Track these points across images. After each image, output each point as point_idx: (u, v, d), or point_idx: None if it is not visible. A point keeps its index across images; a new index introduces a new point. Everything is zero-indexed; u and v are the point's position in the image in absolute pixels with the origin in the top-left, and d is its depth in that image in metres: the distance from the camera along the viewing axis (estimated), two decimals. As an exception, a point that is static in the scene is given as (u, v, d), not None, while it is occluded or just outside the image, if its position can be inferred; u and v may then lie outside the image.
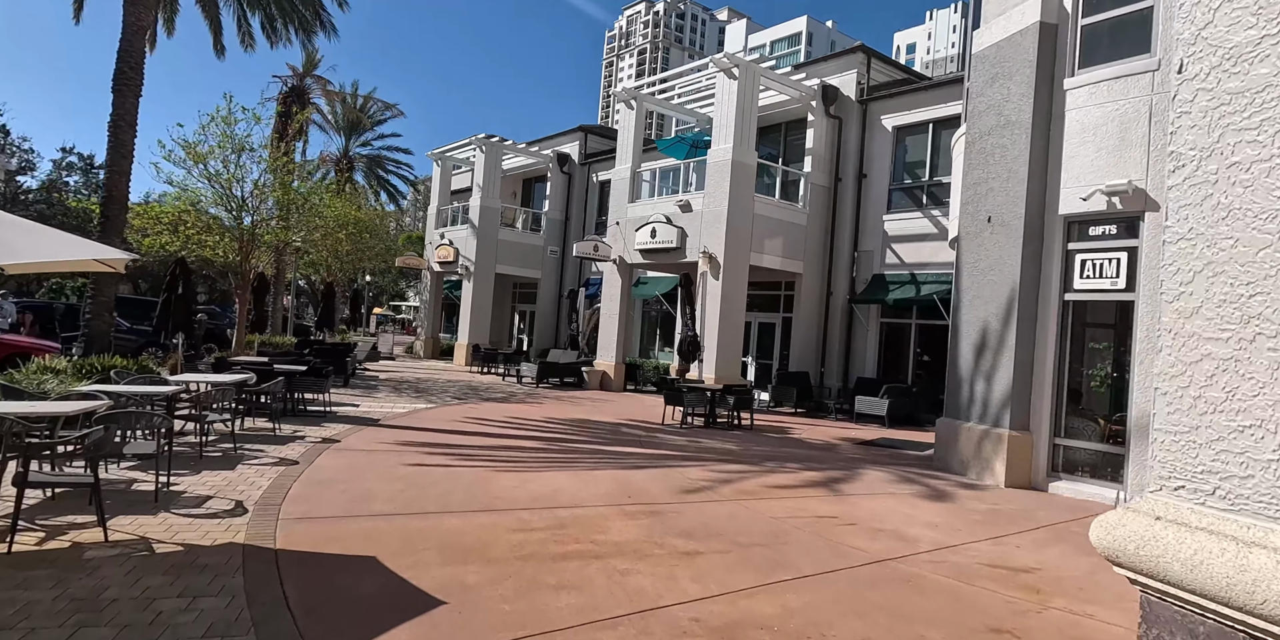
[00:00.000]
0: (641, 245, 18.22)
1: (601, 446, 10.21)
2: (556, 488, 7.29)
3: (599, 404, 15.74)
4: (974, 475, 8.99)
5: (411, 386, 17.10)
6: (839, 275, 18.14)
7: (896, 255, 17.27)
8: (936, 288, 15.93)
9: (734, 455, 10.00)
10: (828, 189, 18.44)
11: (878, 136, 17.86)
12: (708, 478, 8.23)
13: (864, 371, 17.53)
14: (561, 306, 26.94)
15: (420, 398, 15.00)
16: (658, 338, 23.78)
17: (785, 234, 17.70)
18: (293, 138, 18.96)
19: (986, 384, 9.05)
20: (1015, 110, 9.02)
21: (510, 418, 12.59)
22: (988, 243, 9.24)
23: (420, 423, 11.39)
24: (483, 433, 10.74)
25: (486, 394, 16.53)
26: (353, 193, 34.14)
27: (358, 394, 14.88)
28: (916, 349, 16.95)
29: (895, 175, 17.63)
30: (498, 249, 25.99)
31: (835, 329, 18.05)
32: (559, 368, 19.59)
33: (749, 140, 16.84)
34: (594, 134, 28.00)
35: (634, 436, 11.32)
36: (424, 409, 13.25)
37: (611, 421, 12.97)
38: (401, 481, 7.17)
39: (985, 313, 9.18)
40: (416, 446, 9.26)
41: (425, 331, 29.06)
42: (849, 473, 9.03)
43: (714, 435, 11.99)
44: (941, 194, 16.65)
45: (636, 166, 19.42)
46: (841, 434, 13.19)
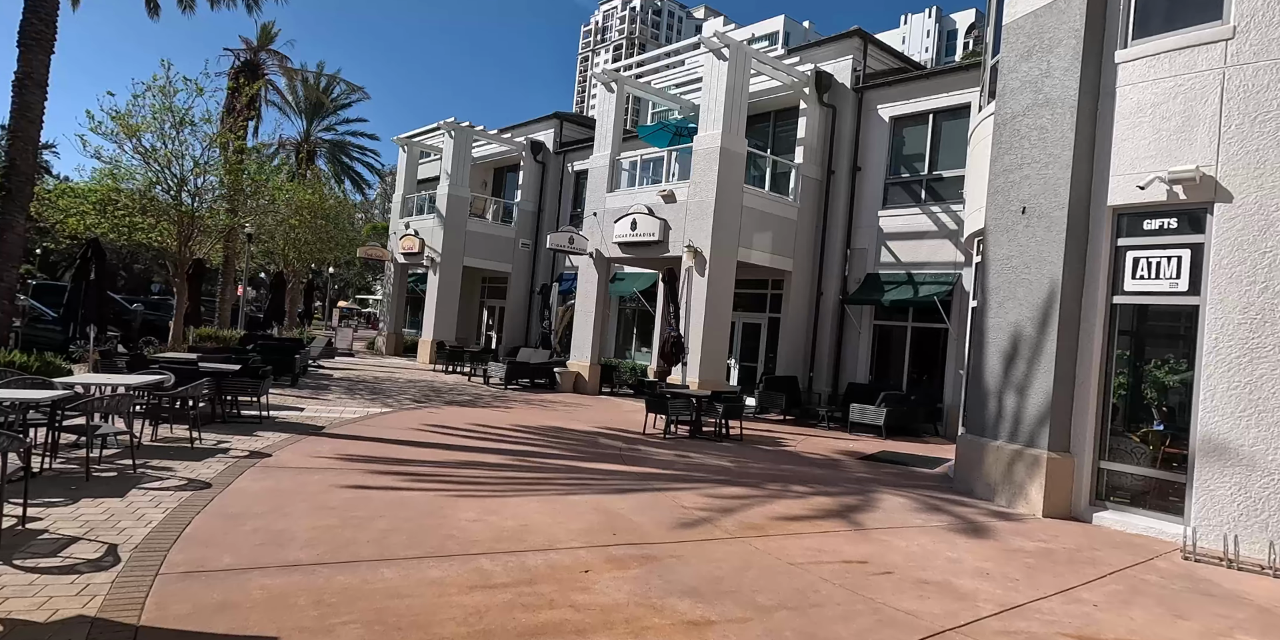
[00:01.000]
0: (620, 238, 16.96)
1: (578, 462, 8.93)
2: (526, 521, 6.01)
3: (573, 409, 14.45)
4: (1004, 502, 7.89)
5: (367, 387, 15.65)
6: (830, 274, 17.06)
7: (892, 253, 16.23)
8: (936, 288, 14.91)
9: (730, 474, 8.80)
10: (820, 182, 17.34)
11: (873, 127, 16.80)
12: (705, 505, 7.00)
13: (855, 376, 16.48)
14: (533, 302, 25.58)
15: (375, 400, 13.58)
16: (635, 337, 22.53)
17: (775, 229, 16.56)
18: (242, 112, 17.34)
19: (1019, 397, 7.96)
20: (1057, 87, 7.92)
21: (474, 426, 11.25)
22: (1021, 237, 8.14)
23: (371, 431, 10.01)
24: (441, 444, 9.41)
25: (450, 396, 15.15)
26: (314, 180, 32.39)
27: (305, 395, 13.42)
28: (912, 354, 15.92)
29: (892, 168, 16.59)
30: (466, 240, 24.54)
31: (826, 331, 16.96)
32: (529, 368, 18.25)
33: (739, 126, 15.66)
34: (570, 121, 26.65)
35: (614, 449, 10.07)
36: (378, 414, 11.86)
37: (588, 430, 11.70)
38: (334, 513, 5.83)
39: (1018, 316, 8.09)
40: (362, 462, 7.91)
41: (387, 326, 27.48)
42: (864, 498, 7.87)
43: (703, 448, 10.79)
44: (942, 189, 15.65)
45: (616, 154, 18.14)
46: (839, 446, 12.07)
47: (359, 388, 15.40)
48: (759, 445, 11.55)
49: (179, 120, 15.36)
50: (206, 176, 16.19)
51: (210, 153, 15.96)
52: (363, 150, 36.15)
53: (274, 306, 16.81)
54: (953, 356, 14.88)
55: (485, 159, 28.00)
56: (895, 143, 16.62)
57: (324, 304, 65.82)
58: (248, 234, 23.33)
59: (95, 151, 14.89)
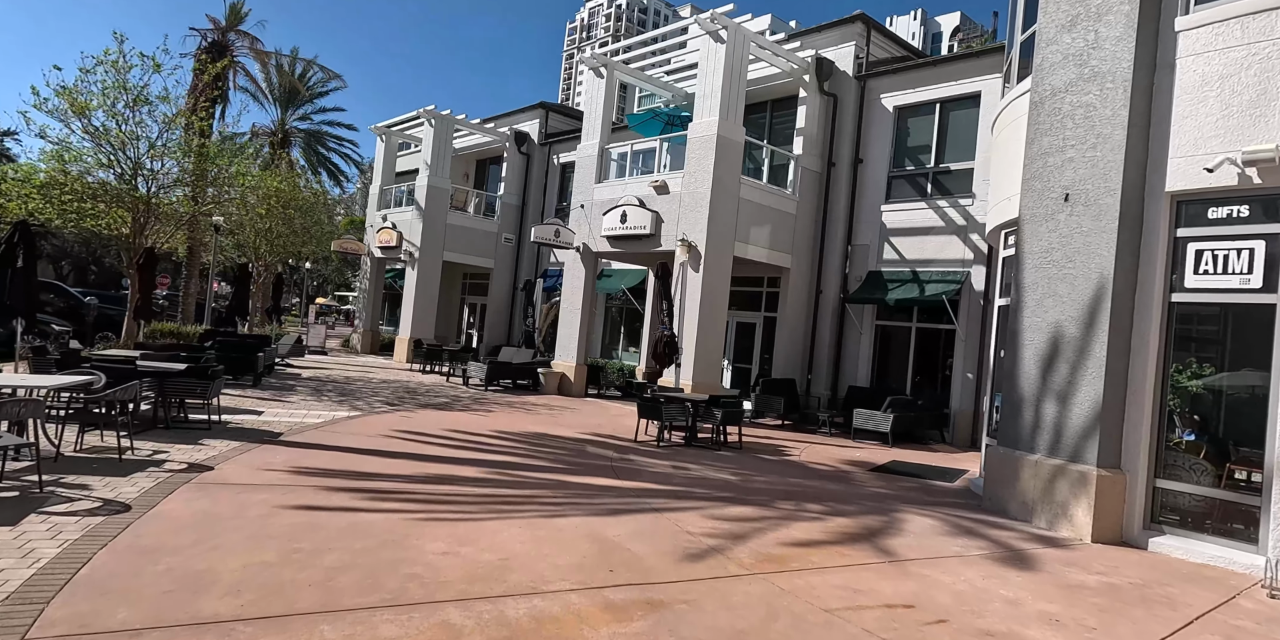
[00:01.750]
0: (609, 231, 16.01)
1: (565, 476, 7.97)
2: (506, 552, 5.06)
3: (558, 413, 13.48)
4: (1043, 523, 7.03)
5: (337, 388, 14.59)
6: (830, 271, 16.21)
7: (896, 250, 15.40)
8: (944, 287, 14.10)
9: (734, 489, 7.88)
10: (819, 175, 16.49)
11: (876, 117, 15.98)
12: (712, 529, 6.08)
13: (856, 379, 15.64)
14: (516, 299, 24.57)
15: (344, 403, 12.54)
16: (623, 336, 21.58)
17: (773, 223, 15.68)
18: (204, 91, 16.20)
19: (1060, 407, 7.11)
20: (1107, 58, 7.08)
21: (449, 432, 10.26)
22: (1064, 227, 7.29)
23: (333, 439, 8.99)
24: (412, 455, 8.41)
25: (425, 399, 14.13)
26: (289, 171, 31.15)
27: (267, 397, 12.35)
28: (917, 356, 15.10)
29: (896, 160, 15.76)
30: (446, 234, 23.47)
31: (825, 331, 16.11)
32: (511, 368, 17.25)
33: (736, 113, 14.76)
34: (556, 112, 25.65)
35: (604, 460, 9.12)
36: (344, 418, 10.84)
37: (575, 437, 10.75)
38: (274, 545, 4.85)
39: (1059, 315, 7.24)
40: (318, 477, 6.91)
41: (363, 323, 26.33)
42: (887, 519, 6.98)
43: (701, 457, 9.87)
44: (949, 182, 14.85)
45: (605, 142, 17.18)
46: (845, 455, 11.20)
47: (327, 389, 14.33)
48: (760, 454, 10.66)
49: (134, 99, 14.21)
50: (165, 160, 15.03)
51: (169, 135, 14.80)
52: (340, 141, 34.91)
53: (237, 301, 15.70)
54: (960, 359, 14.09)
55: (467, 150, 26.96)
56: (899, 134, 15.80)
57: (302, 300, 64.33)
58: (215, 225, 22.18)
59: (41, 130, 13.71)
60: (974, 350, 13.86)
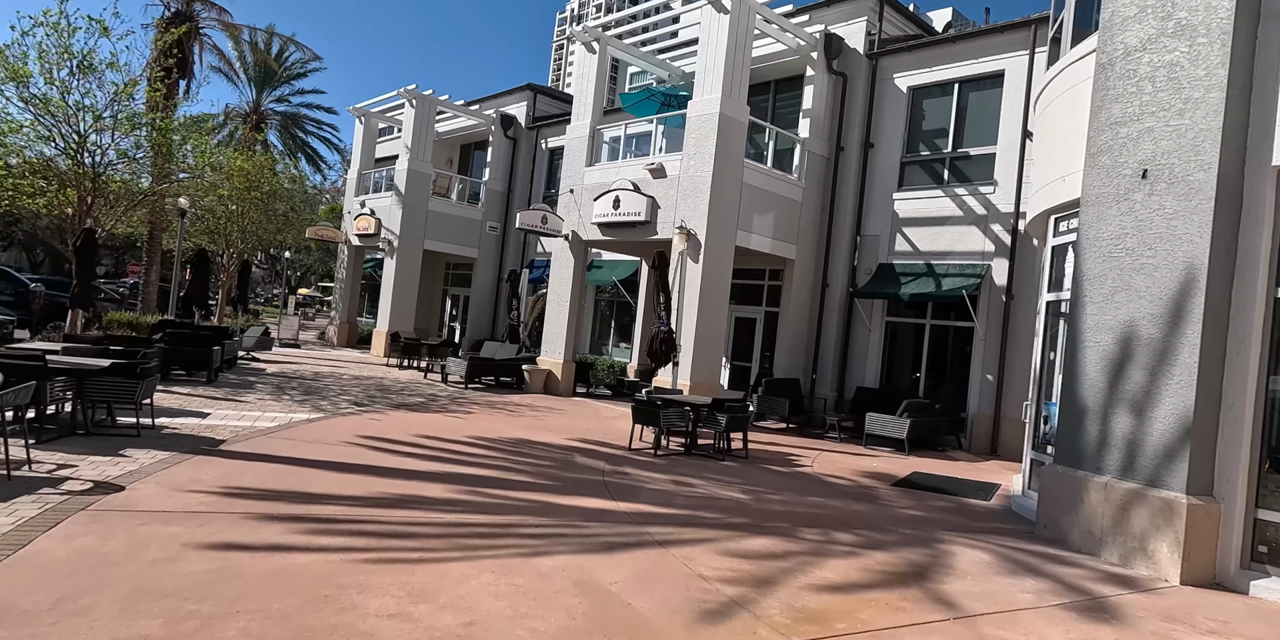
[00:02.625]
0: (601, 218, 14.83)
1: (549, 496, 6.82)
2: (472, 614, 3.90)
3: (544, 415, 12.32)
4: (1115, 558, 5.96)
5: (302, 386, 13.35)
6: (837, 263, 15.11)
7: (909, 241, 14.32)
8: (963, 281, 13.03)
9: (748, 512, 6.76)
10: (827, 160, 15.37)
11: (889, 98, 14.87)
12: (730, 571, 4.95)
13: (864, 380, 14.57)
14: (501, 291, 23.34)
15: (305, 403, 11.32)
16: (613, 332, 20.43)
17: (777, 210, 14.56)
18: (159, 60, 14.85)
19: (1136, 420, 6.03)
20: (1199, 9, 5.98)
21: (420, 438, 9.08)
22: (1141, 209, 6.20)
23: (283, 447, 7.79)
24: (372, 468, 7.23)
25: (398, 398, 12.92)
26: (263, 154, 29.70)
27: (220, 396, 11.12)
28: (931, 356, 14.05)
29: (909, 145, 14.67)
30: (427, 221, 22.19)
31: (831, 328, 15.02)
32: (494, 365, 16.06)
33: (740, 90, 13.60)
34: (544, 94, 24.38)
35: (595, 473, 7.98)
36: (302, 422, 9.63)
37: (562, 444, 9.60)
38: (163, 607, 3.67)
39: (1134, 312, 6.15)
40: (251, 499, 5.73)
41: (339, 315, 25.02)
42: (932, 552, 5.89)
43: (704, 469, 8.75)
44: (968, 168, 13.77)
45: (597, 123, 15.98)
46: (860, 465, 10.12)
47: (291, 386, 13.08)
48: (769, 465, 9.54)
49: (78, 65, 12.86)
50: (114, 134, 13.68)
51: (118, 106, 13.45)
52: (320, 124, 33.40)
53: (196, 289, 14.38)
54: (980, 359, 13.04)
55: (451, 134, 25.65)
56: (914, 116, 14.70)
57: (282, 291, 62.64)
58: (181, 209, 20.81)
59: (-31, 98, 12.34)
60: (995, 350, 12.82)
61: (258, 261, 72.42)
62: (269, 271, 65.04)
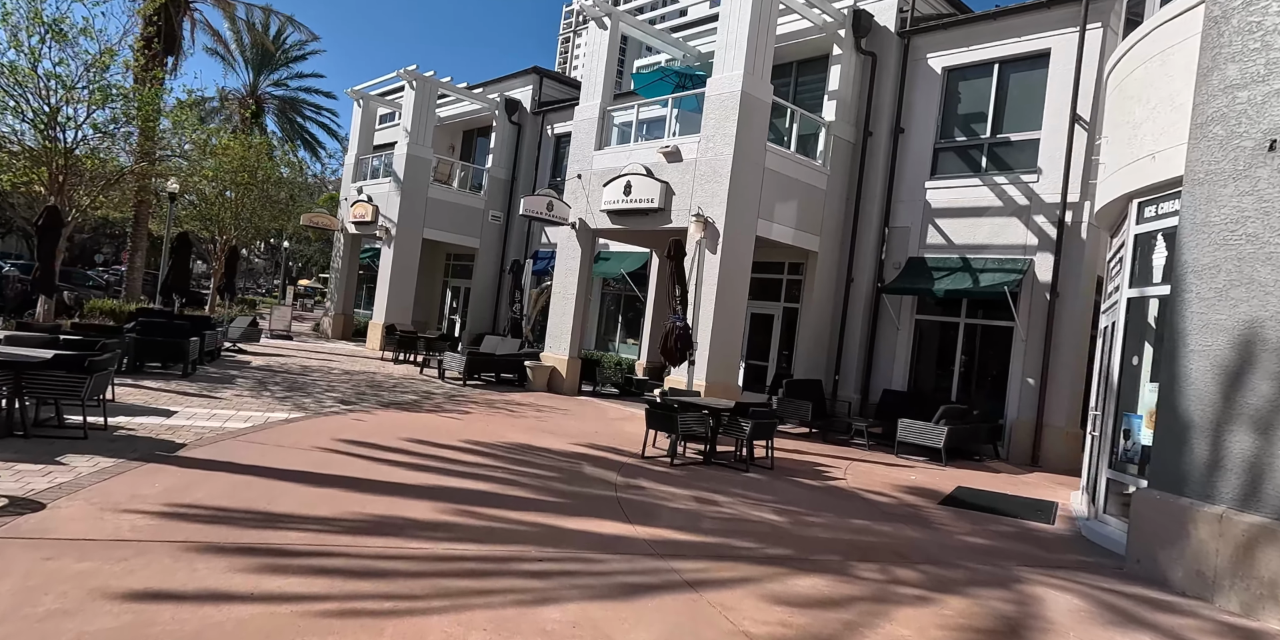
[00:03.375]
0: (611, 205, 13.82)
1: (555, 517, 5.84)
2: (454, 699, 2.93)
3: (547, 416, 11.34)
4: (1235, 605, 4.97)
5: (287, 381, 12.37)
6: (863, 256, 14.09)
7: (942, 233, 13.31)
8: (1004, 277, 12.02)
9: (788, 540, 5.78)
10: (854, 145, 14.34)
11: (921, 80, 13.84)
12: (781, 627, 3.96)
13: (891, 382, 13.57)
14: (503, 283, 22.35)
15: (287, 400, 10.35)
16: (620, 326, 19.43)
17: (800, 199, 13.54)
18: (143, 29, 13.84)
19: (1260, 440, 5.03)
20: (1347, -54, 4.96)
21: (409, 443, 8.10)
22: (1266, 187, 5.19)
23: (250, 454, 6.82)
24: (350, 481, 6.25)
25: (390, 395, 11.94)
26: (261, 138, 28.70)
27: (194, 391, 10.15)
28: (965, 357, 13.03)
29: (944, 130, 13.64)
30: (427, 209, 21.19)
31: (856, 326, 14.01)
32: (495, 361, 15.08)
33: (764, 67, 12.58)
34: (550, 79, 23.34)
35: (607, 486, 7.00)
36: (279, 422, 8.65)
37: (568, 450, 8.62)
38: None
39: (1257, 311, 5.15)
40: (197, 524, 4.76)
41: (335, 306, 24.04)
42: (1013, 597, 4.90)
43: (727, 482, 7.76)
44: (1008, 155, 12.75)
45: (607, 103, 14.96)
46: (897, 478, 9.13)
47: (274, 381, 12.11)
48: (797, 477, 8.56)
49: (49, 31, 11.87)
50: (89, 107, 12.69)
51: (91, 76, 12.46)
52: (318, 109, 32.37)
53: (177, 275, 13.43)
54: (1020, 361, 12.03)
55: (452, 119, 24.64)
56: (948, 99, 13.66)
57: (282, 281, 61.69)
58: (171, 193, 19.86)
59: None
60: (1037, 352, 11.81)
61: (259, 251, 71.57)
62: (270, 262, 64.13)
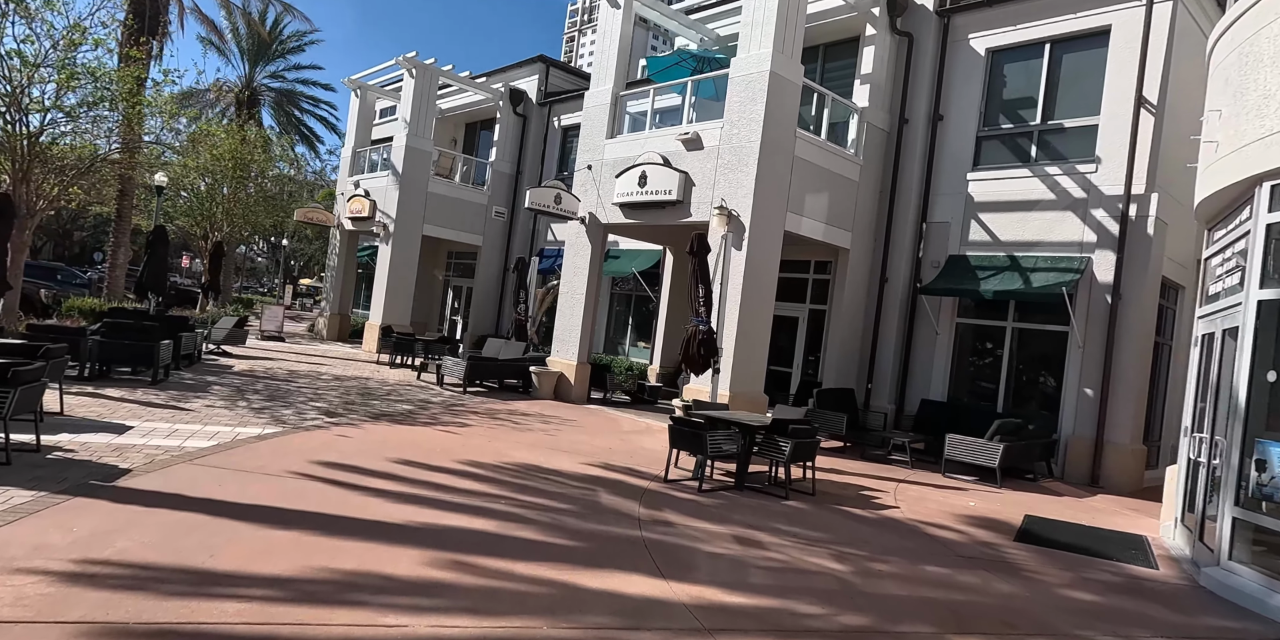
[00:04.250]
0: (624, 197, 12.71)
1: (569, 572, 4.71)
2: None
3: (555, 429, 10.22)
4: None
5: (269, 388, 11.28)
6: (898, 254, 12.95)
7: (987, 229, 12.17)
8: (1059, 277, 10.88)
9: (861, 603, 4.64)
10: (888, 134, 13.21)
11: (963, 63, 12.70)
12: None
13: (929, 391, 12.43)
14: (507, 282, 21.25)
15: (265, 412, 9.25)
16: (630, 329, 18.32)
17: (832, 191, 12.41)
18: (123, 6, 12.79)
19: None
20: None
21: (397, 466, 6.99)
22: None
23: (204, 483, 5.71)
24: (318, 519, 5.14)
25: (383, 404, 10.84)
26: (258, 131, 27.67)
27: (161, 401, 9.05)
28: (1012, 364, 11.89)
29: (987, 117, 12.50)
30: (427, 204, 20.10)
31: (890, 330, 12.87)
32: (497, 366, 13.96)
33: (794, 46, 11.48)
34: (557, 68, 22.26)
35: (628, 523, 5.88)
36: (250, 439, 7.55)
37: (580, 473, 7.51)
38: None
39: None
40: (105, 591, 3.64)
41: (330, 306, 22.95)
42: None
43: (768, 514, 6.64)
44: (1062, 143, 11.60)
45: (620, 88, 13.86)
46: (954, 505, 8.00)
47: (255, 389, 11.02)
48: (845, 506, 7.43)
49: (12, 4, 10.80)
50: (57, 89, 11.62)
51: (61, 56, 11.38)
52: (316, 102, 31.38)
53: (151, 272, 12.32)
54: (1076, 370, 10.89)
55: (454, 111, 23.57)
56: (993, 83, 12.52)
57: (281, 280, 60.67)
58: (158, 186, 18.83)
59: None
60: (1097, 359, 10.67)
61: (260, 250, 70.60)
62: (272, 261, 63.16)
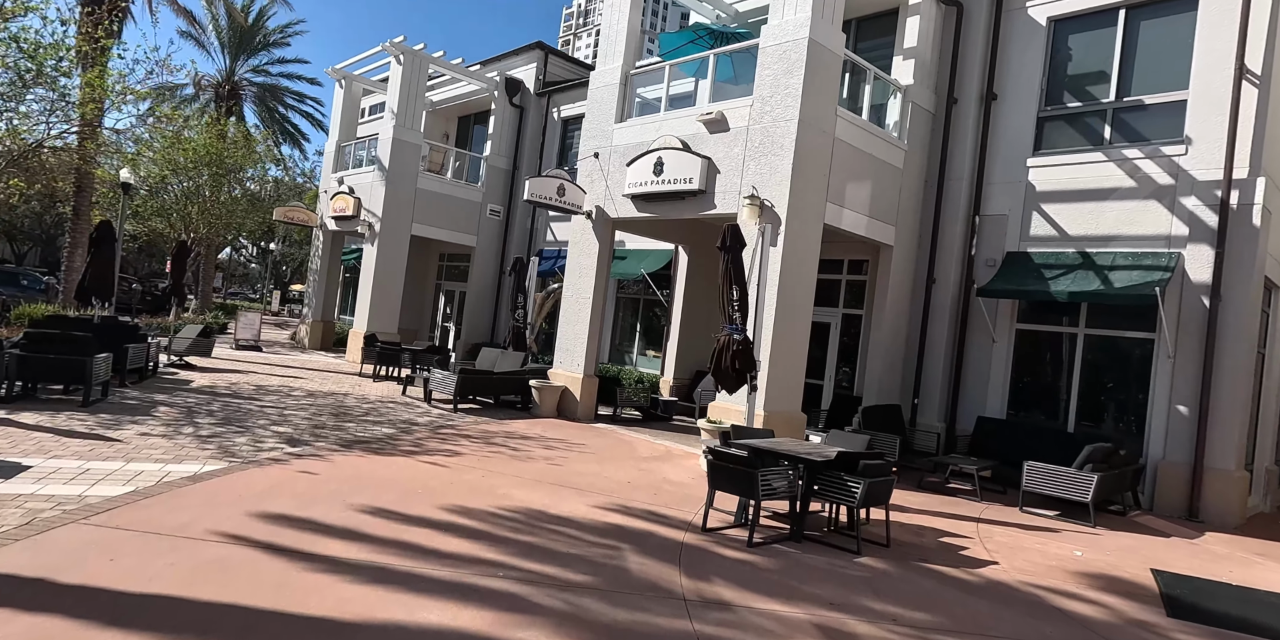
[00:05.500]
0: (637, 188, 11.17)
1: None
2: None
3: (561, 456, 8.64)
4: None
5: (225, 409, 9.68)
6: (947, 251, 11.44)
7: (1051, 222, 10.66)
8: (1146, 276, 9.35)
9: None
10: (934, 116, 11.72)
11: (1020, 34, 11.22)
12: None
13: (985, 408, 10.90)
14: (503, 286, 19.70)
15: (214, 440, 7.66)
16: (637, 336, 16.75)
17: (875, 179, 10.90)
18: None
19: None
20: None
21: (365, 516, 5.40)
22: None
23: (87, 560, 4.13)
24: (231, 621, 3.56)
25: (359, 427, 9.25)
26: (237, 126, 26.09)
27: (87, 428, 7.45)
28: (1084, 377, 10.35)
29: (1049, 95, 11.01)
30: (416, 202, 18.55)
31: (939, 337, 11.34)
32: (493, 381, 12.36)
33: (835, 11, 9.96)
34: (556, 56, 20.74)
35: (668, 600, 4.30)
36: (183, 481, 5.96)
37: (597, 522, 5.93)
38: None
39: None
40: None
41: (312, 312, 21.34)
42: None
43: (846, 583, 5.07)
44: (1142, 123, 10.11)
45: (630, 67, 12.34)
46: (1060, 556, 6.44)
47: (208, 410, 9.42)
48: (934, 564, 5.86)
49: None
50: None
51: None
52: (301, 97, 29.65)
53: (95, 275, 10.71)
54: (1165, 384, 9.37)
55: (446, 103, 22.02)
56: (1056, 56, 11.04)
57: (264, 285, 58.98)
58: (125, 183, 17.25)
59: None
60: (1192, 373, 9.15)
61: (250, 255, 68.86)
62: (263, 266, 61.48)
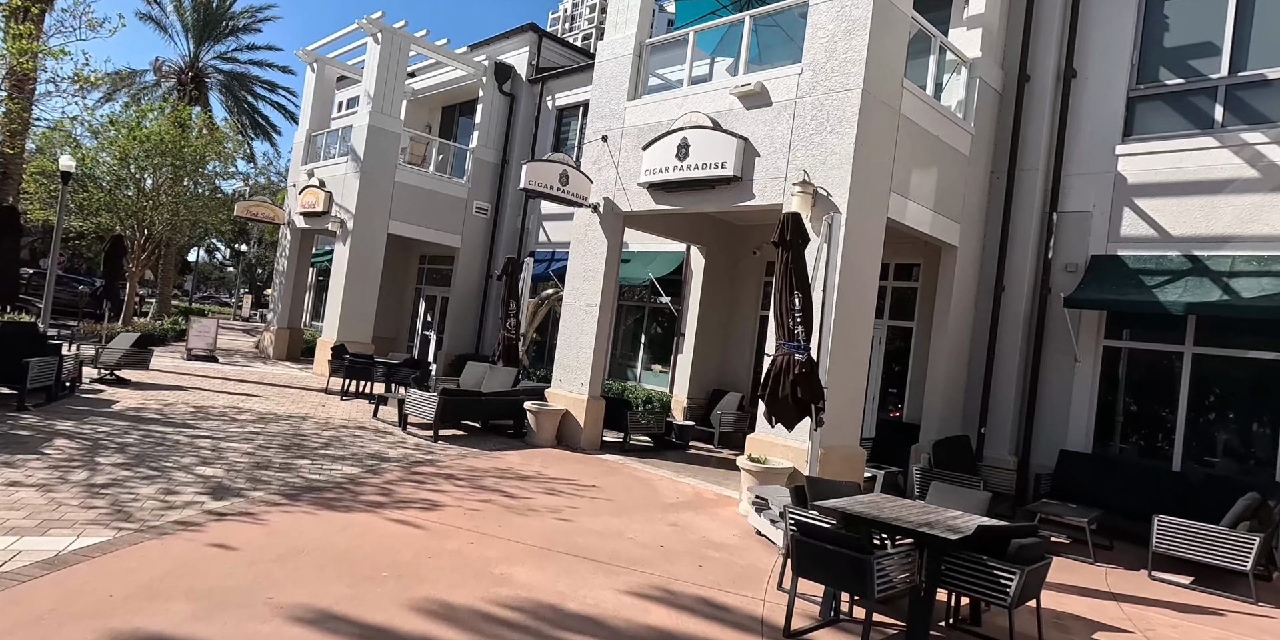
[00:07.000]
0: (655, 175, 9.37)
1: None
2: None
3: (568, 504, 6.75)
4: None
5: (147, 439, 7.71)
6: (1018, 253, 9.74)
7: (1148, 220, 8.98)
8: (1278, 284, 7.70)
9: None
10: (1001, 96, 10.04)
11: (1104, 1, 9.59)
12: None
13: (1066, 439, 9.16)
14: (490, 291, 17.81)
15: (111, 489, 5.72)
16: (643, 349, 14.91)
17: (940, 167, 9.18)
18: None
19: None
20: None
21: (295, 629, 3.52)
22: None
23: None
24: None
25: (314, 466, 7.33)
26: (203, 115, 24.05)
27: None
28: (1191, 405, 8.65)
29: (1142, 72, 9.36)
30: (394, 196, 16.64)
31: (1010, 355, 9.61)
32: (480, 404, 10.47)
33: (903, -38, 8.26)
34: (550, 40, 18.94)
35: None
36: (27, 569, 4.05)
37: (633, 625, 4.08)
38: None
39: None
40: None
41: (277, 318, 19.30)
42: None
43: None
44: (1263, 101, 8.47)
45: (645, 36, 10.58)
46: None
47: (123, 441, 7.45)
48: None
49: None
50: None
51: None
52: (273, 87, 27.60)
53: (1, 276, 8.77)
54: (1306, 416, 7.70)
55: (430, 91, 20.17)
56: (1149, 25, 9.40)
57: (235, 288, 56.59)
58: (64, 172, 15.28)
59: None
60: (1343, 401, 7.48)
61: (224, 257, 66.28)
62: (240, 269, 59.10)
